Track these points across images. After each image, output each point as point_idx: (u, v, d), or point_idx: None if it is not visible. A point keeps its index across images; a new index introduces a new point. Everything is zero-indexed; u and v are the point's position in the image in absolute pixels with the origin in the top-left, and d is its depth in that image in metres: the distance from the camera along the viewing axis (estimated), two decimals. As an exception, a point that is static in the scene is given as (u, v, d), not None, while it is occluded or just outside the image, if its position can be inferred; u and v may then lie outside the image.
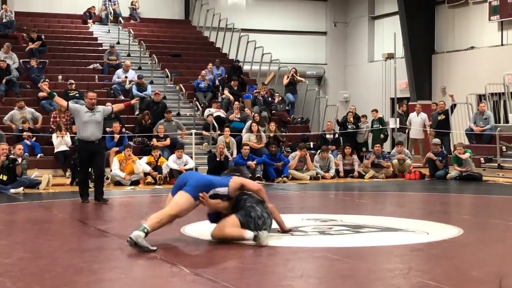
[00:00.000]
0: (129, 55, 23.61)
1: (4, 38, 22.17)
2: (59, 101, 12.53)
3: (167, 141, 18.00)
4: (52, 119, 18.31)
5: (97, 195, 11.79)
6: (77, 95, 19.07)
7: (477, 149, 18.62)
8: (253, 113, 19.39)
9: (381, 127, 20.36)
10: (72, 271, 6.27)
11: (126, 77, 21.08)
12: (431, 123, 20.27)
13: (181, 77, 22.99)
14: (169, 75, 22.54)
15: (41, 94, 19.20)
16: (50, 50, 22.74)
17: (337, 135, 20.04)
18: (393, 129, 20.84)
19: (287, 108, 22.17)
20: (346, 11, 29.03)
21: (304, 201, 13.41)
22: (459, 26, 23.86)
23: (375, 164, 17.88)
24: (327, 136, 19.77)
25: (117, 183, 15.58)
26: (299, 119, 22.24)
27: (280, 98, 22.14)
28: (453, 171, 17.14)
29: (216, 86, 22.13)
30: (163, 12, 27.52)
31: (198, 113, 20.68)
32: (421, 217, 10.06)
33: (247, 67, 25.04)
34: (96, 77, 21.88)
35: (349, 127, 20.29)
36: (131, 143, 17.57)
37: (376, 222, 9.14)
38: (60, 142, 17.04)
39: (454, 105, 20.09)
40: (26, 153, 15.88)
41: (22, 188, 14.06)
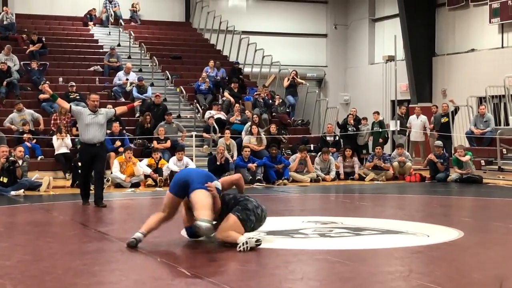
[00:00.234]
0: (129, 57, 23.61)
1: (4, 40, 22.18)
2: (62, 103, 12.36)
3: (168, 143, 17.98)
4: (52, 121, 18.29)
5: (96, 199, 11.70)
6: (77, 97, 19.08)
7: (477, 151, 18.59)
8: (252, 115, 19.38)
9: (380, 130, 20.35)
10: (73, 273, 6.28)
11: (127, 79, 21.10)
12: (432, 125, 20.30)
13: (182, 79, 22.99)
14: (169, 77, 22.54)
15: (42, 96, 19.21)
16: (51, 52, 22.73)
17: (337, 138, 20.05)
18: (393, 132, 20.84)
19: (287, 110, 22.15)
20: (346, 13, 29.03)
21: (305, 203, 13.41)
22: (459, 28, 23.86)
23: (375, 166, 17.88)
24: (328, 138, 19.77)
25: (118, 185, 15.57)
26: (299, 121, 22.23)
27: (281, 101, 22.13)
28: (454, 174, 17.13)
29: (217, 88, 22.11)
30: (163, 14, 27.53)
31: (199, 115, 20.68)
32: (421, 219, 10.07)
33: (247, 69, 25.03)
34: (97, 79, 21.87)
35: (350, 129, 20.30)
36: (131, 145, 17.57)
37: (376, 225, 9.14)
38: (61, 144, 17.03)
39: (458, 108, 20.10)
40: (27, 155, 15.90)
41: (23, 190, 14.07)
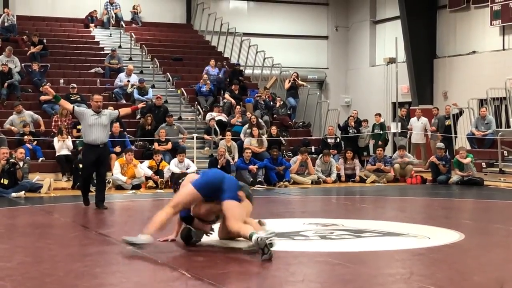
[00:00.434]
0: (130, 59, 23.61)
1: (5, 41, 22.18)
2: (65, 105, 12.24)
3: (169, 145, 17.97)
4: (53, 122, 18.30)
5: (98, 201, 11.64)
6: (78, 99, 19.08)
7: (478, 153, 18.58)
8: (250, 116, 19.33)
9: (381, 132, 20.34)
10: (73, 275, 6.28)
11: (129, 81, 21.09)
12: (433, 127, 20.27)
13: (183, 81, 22.98)
14: (170, 79, 22.54)
15: (43, 97, 19.22)
16: (52, 54, 22.74)
17: (338, 140, 20.04)
18: (394, 134, 20.83)
19: (288, 112, 22.16)
20: (347, 16, 29.02)
21: (306, 205, 13.40)
22: (460, 30, 23.85)
23: (376, 168, 17.86)
24: (329, 140, 19.77)
25: (119, 187, 15.57)
26: (300, 123, 22.22)
27: (282, 102, 22.13)
28: (455, 176, 17.12)
29: (218, 90, 22.11)
30: (164, 16, 27.52)
31: (200, 117, 20.67)
32: (422, 221, 10.07)
33: (248, 71, 25.03)
34: (98, 81, 21.88)
35: (350, 131, 20.30)
36: (132, 147, 17.58)
37: (377, 227, 9.13)
38: (62, 146, 17.02)
39: (462, 111, 20.09)
40: (28, 157, 15.90)
41: (24, 192, 14.07)
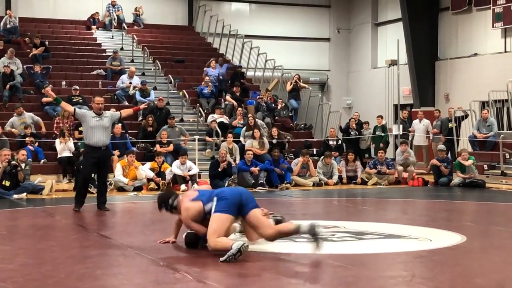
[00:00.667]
0: (132, 61, 23.63)
1: (8, 43, 22.20)
2: (66, 107, 12.27)
3: (170, 147, 17.98)
4: (55, 124, 18.31)
5: (99, 203, 11.62)
6: (80, 100, 19.08)
7: (480, 156, 18.59)
8: (247, 117, 19.33)
9: (383, 134, 20.33)
10: (75, 277, 6.28)
11: (131, 82, 21.10)
12: (435, 129, 20.26)
13: (185, 83, 22.99)
14: (172, 81, 22.56)
15: (45, 99, 19.23)
16: (54, 56, 22.77)
17: (340, 142, 20.04)
18: (396, 136, 20.81)
19: (290, 114, 22.15)
20: (349, 18, 29.04)
21: (307, 207, 13.39)
22: (462, 33, 23.85)
23: (378, 170, 17.86)
24: (330, 142, 19.76)
25: (120, 189, 15.57)
26: (302, 125, 22.22)
27: (283, 104, 22.14)
28: (456, 178, 17.11)
29: (219, 92, 22.11)
30: (166, 18, 27.53)
31: (201, 119, 20.67)
32: (424, 224, 10.06)
33: (250, 73, 25.04)
34: (100, 83, 21.89)
35: (352, 133, 20.29)
36: (134, 149, 17.58)
37: (379, 229, 9.13)
38: (64, 148, 17.03)
39: (466, 115, 20.07)
40: (30, 159, 15.90)
41: (25, 193, 14.07)
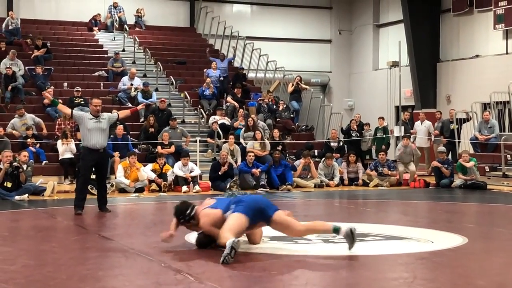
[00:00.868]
0: (134, 62, 23.65)
1: (9, 45, 22.22)
2: (63, 109, 12.17)
3: (172, 149, 17.98)
4: (57, 126, 18.33)
5: (100, 204, 11.61)
6: (82, 102, 19.10)
7: (481, 157, 18.57)
8: (247, 119, 19.34)
9: (384, 136, 20.33)
10: (77, 278, 6.28)
11: (132, 84, 21.11)
12: (436, 131, 20.26)
13: (186, 85, 23.01)
14: (174, 82, 22.57)
15: (46, 101, 19.23)
16: (56, 57, 22.79)
17: (341, 143, 20.03)
18: (397, 137, 20.81)
19: (291, 115, 22.16)
20: (350, 19, 29.05)
21: (309, 209, 13.39)
22: (464, 34, 23.86)
23: (379, 172, 17.86)
24: (332, 144, 19.77)
25: (122, 190, 15.57)
26: (303, 126, 22.23)
27: (285, 106, 22.14)
28: (458, 180, 17.10)
29: (221, 93, 22.11)
30: (168, 19, 27.56)
31: (203, 120, 20.69)
32: (425, 225, 10.06)
33: (252, 74, 25.05)
34: (101, 84, 21.91)
35: (353, 135, 20.28)
36: (135, 150, 17.59)
37: (380, 231, 9.13)
38: (66, 149, 17.03)
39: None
40: (31, 160, 15.91)
41: (27, 195, 14.09)
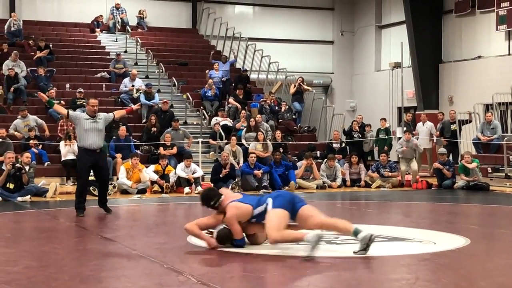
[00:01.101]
0: (136, 63, 23.66)
1: (12, 46, 22.25)
2: (59, 109, 12.09)
3: (174, 150, 17.98)
4: (59, 127, 18.33)
5: (102, 205, 11.60)
6: (84, 103, 19.09)
7: (484, 158, 18.54)
8: (249, 119, 19.33)
9: (386, 137, 20.31)
10: (79, 279, 6.28)
11: (133, 85, 21.11)
12: (437, 132, 20.25)
13: (188, 86, 23.02)
14: (176, 83, 22.58)
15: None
16: (58, 59, 22.80)
17: (343, 144, 20.01)
18: (399, 139, 20.78)
19: (294, 117, 22.14)
20: (353, 20, 29.04)
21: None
22: (466, 35, 23.84)
23: (381, 174, 17.85)
24: (334, 145, 19.75)
25: (124, 192, 15.57)
26: (306, 128, 22.22)
27: (287, 107, 22.13)
28: (460, 181, 17.09)
29: (223, 95, 22.11)
30: (170, 21, 27.57)
31: (205, 121, 20.69)
32: (428, 227, 10.05)
33: (254, 75, 25.03)
34: (104, 85, 21.92)
35: (355, 136, 20.27)
36: (138, 151, 17.59)
37: (382, 232, 9.11)
38: (68, 151, 17.02)
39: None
40: (34, 161, 15.92)
41: (29, 196, 14.10)
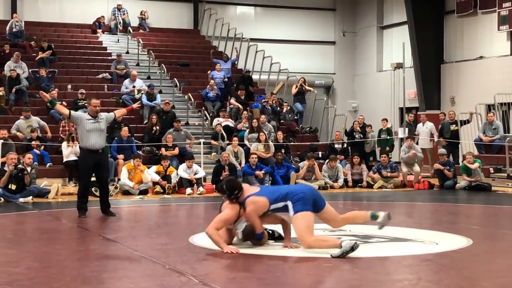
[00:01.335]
0: (138, 64, 23.68)
1: (14, 47, 22.26)
2: (61, 109, 11.93)
3: (176, 151, 17.97)
4: (61, 128, 18.34)
5: (104, 208, 11.52)
6: (86, 104, 19.07)
7: (486, 159, 18.53)
8: (251, 120, 19.33)
9: (388, 137, 20.30)
10: (81, 280, 6.28)
11: (134, 86, 21.10)
12: (437, 133, 20.24)
13: (190, 87, 23.02)
14: (178, 84, 22.59)
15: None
16: (60, 60, 22.82)
17: (345, 145, 20.01)
18: (402, 139, 20.79)
19: (295, 117, 22.15)
20: (354, 21, 29.04)
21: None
22: (468, 36, 23.82)
23: (382, 175, 17.83)
24: (336, 145, 19.75)
25: (126, 192, 15.58)
26: (307, 128, 22.22)
27: (289, 108, 22.14)
28: (462, 181, 17.07)
29: (224, 95, 22.11)
30: (172, 21, 27.58)
31: (207, 122, 20.69)
32: (430, 227, 10.04)
33: (256, 76, 25.03)
34: (105, 86, 21.94)
35: (356, 136, 20.26)
36: (140, 152, 17.59)
37: (384, 232, 9.08)
38: (71, 152, 17.02)
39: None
40: (36, 162, 15.93)
41: (31, 197, 14.11)
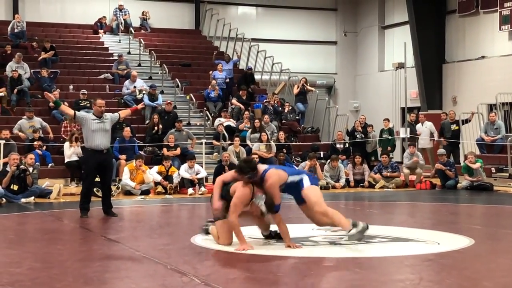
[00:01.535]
0: (139, 64, 23.68)
1: (15, 48, 22.28)
2: (66, 110, 11.91)
3: (178, 151, 17.97)
4: (63, 128, 18.35)
5: (106, 209, 11.48)
6: (88, 105, 19.08)
7: (488, 159, 18.51)
8: (253, 120, 19.34)
9: (390, 137, 20.28)
10: (83, 280, 6.29)
11: (135, 87, 21.08)
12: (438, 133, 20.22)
13: (192, 87, 23.01)
14: (179, 84, 22.59)
15: (52, 104, 19.28)
16: (61, 60, 22.81)
17: (347, 145, 20.00)
18: (403, 139, 20.78)
19: (297, 117, 22.15)
20: (356, 21, 29.04)
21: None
22: (469, 35, 23.81)
23: (383, 175, 17.81)
24: (337, 145, 19.74)
25: (128, 193, 15.57)
26: (309, 128, 22.22)
27: (290, 108, 22.13)
28: (464, 181, 17.05)
29: (226, 95, 22.11)
30: (173, 22, 27.58)
31: (208, 122, 20.69)
32: (431, 227, 10.04)
33: (257, 76, 25.02)
34: (107, 86, 21.94)
35: (358, 136, 20.25)
36: (141, 152, 17.59)
37: (386, 232, 9.11)
38: (73, 152, 17.03)
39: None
40: (37, 163, 15.93)
41: (33, 197, 14.10)
